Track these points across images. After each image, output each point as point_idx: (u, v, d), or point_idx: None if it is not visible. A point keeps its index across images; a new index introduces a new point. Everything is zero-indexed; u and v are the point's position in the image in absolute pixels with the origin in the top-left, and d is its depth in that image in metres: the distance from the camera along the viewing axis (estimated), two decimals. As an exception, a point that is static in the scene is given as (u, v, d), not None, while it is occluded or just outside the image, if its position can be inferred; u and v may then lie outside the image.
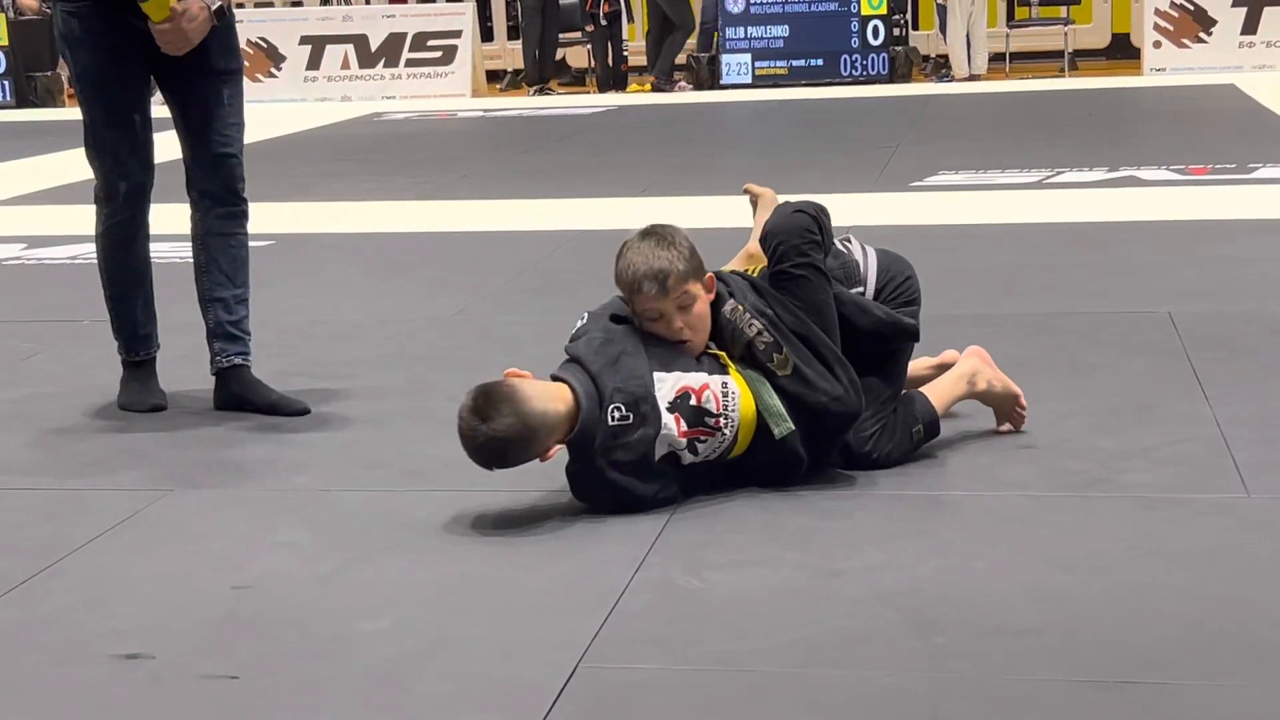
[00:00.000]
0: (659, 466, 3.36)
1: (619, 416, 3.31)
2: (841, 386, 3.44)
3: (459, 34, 16.03)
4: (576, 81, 16.93)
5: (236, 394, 4.32)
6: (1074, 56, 15.84)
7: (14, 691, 2.64)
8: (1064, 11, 15.77)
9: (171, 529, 3.44)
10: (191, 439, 4.11)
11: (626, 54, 16.44)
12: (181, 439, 4.11)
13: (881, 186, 8.24)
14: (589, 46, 16.27)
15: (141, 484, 3.75)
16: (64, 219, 7.71)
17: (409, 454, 3.84)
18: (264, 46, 16.24)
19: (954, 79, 15.13)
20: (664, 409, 3.34)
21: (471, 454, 3.31)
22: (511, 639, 2.76)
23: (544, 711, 2.48)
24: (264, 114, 12.86)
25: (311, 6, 18.22)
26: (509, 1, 18.16)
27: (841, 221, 6.06)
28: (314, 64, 16.29)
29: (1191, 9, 14.69)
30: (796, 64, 15.34)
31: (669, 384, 3.36)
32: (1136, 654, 2.60)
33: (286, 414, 4.24)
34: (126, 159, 4.21)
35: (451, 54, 16.03)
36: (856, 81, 15.10)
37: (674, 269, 3.40)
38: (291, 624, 2.86)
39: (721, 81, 15.45)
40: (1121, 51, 16.78)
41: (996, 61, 15.53)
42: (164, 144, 4.27)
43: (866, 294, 3.68)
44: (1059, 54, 15.71)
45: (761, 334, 3.45)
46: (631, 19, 17.11)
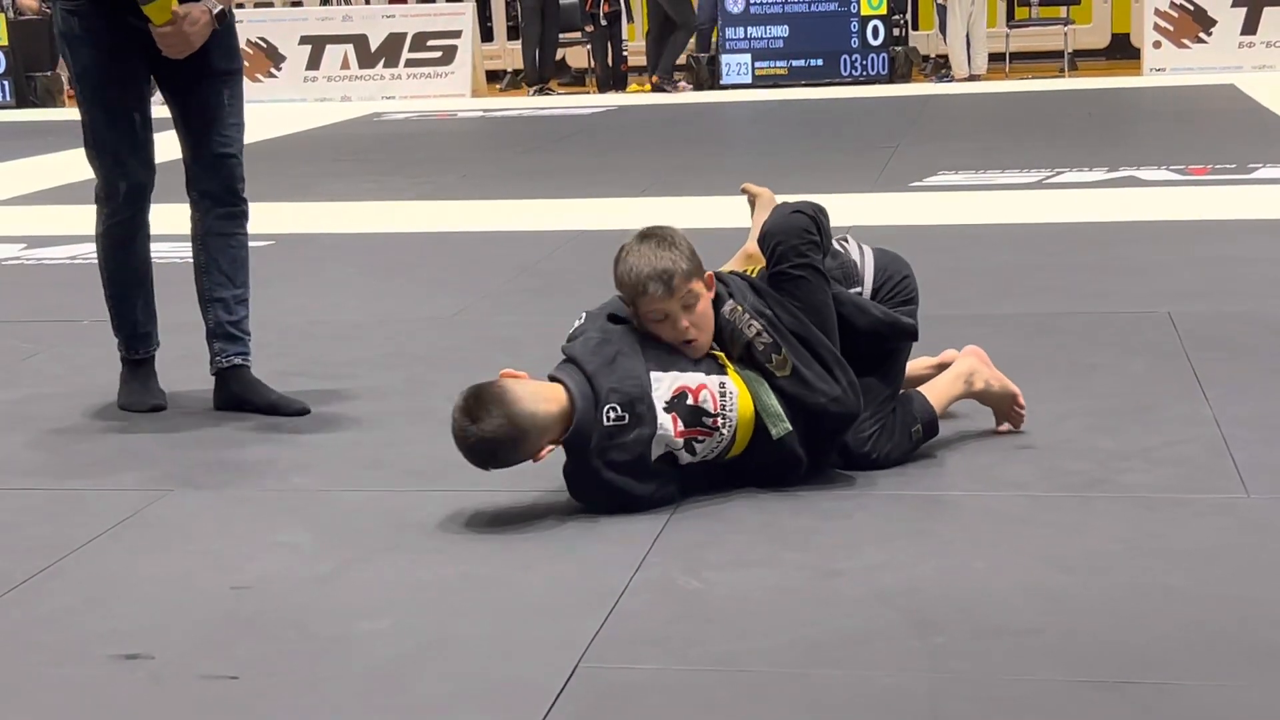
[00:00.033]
0: (656, 466, 3.36)
1: (615, 417, 3.31)
2: (840, 387, 3.44)
3: (459, 34, 16.03)
4: (576, 81, 16.93)
5: (236, 394, 4.32)
6: (1074, 56, 15.84)
7: (14, 691, 2.64)
8: (1064, 11, 15.77)
9: (171, 529, 3.44)
10: (191, 439, 4.11)
11: (626, 54, 16.44)
12: (181, 439, 4.11)
13: (881, 187, 8.24)
14: (589, 46, 16.27)
15: (141, 484, 3.75)
16: (64, 219, 7.71)
17: (409, 454, 3.84)
18: (264, 46, 16.24)
19: (954, 79, 15.14)
20: (660, 409, 3.34)
21: (463, 454, 3.32)
22: (511, 639, 2.76)
23: (544, 712, 2.48)
24: (264, 114, 12.86)
25: (311, 6, 18.22)
26: (509, 2, 18.16)
27: (841, 222, 6.06)
28: (314, 64, 16.29)
29: (1191, 9, 14.70)
30: (796, 64, 15.34)
31: (666, 384, 3.36)
32: (1136, 654, 2.60)
33: (286, 414, 4.24)
34: (127, 158, 4.21)
35: (451, 54, 16.04)
36: (856, 82, 15.10)
37: (678, 268, 3.41)
38: (291, 624, 2.87)
39: (721, 81, 15.45)
40: (1121, 51, 16.78)
41: (996, 61, 15.53)
42: (164, 144, 4.27)
43: (864, 293, 3.68)
44: (1059, 54, 15.72)
45: (761, 334, 3.45)
46: (631, 19, 17.11)
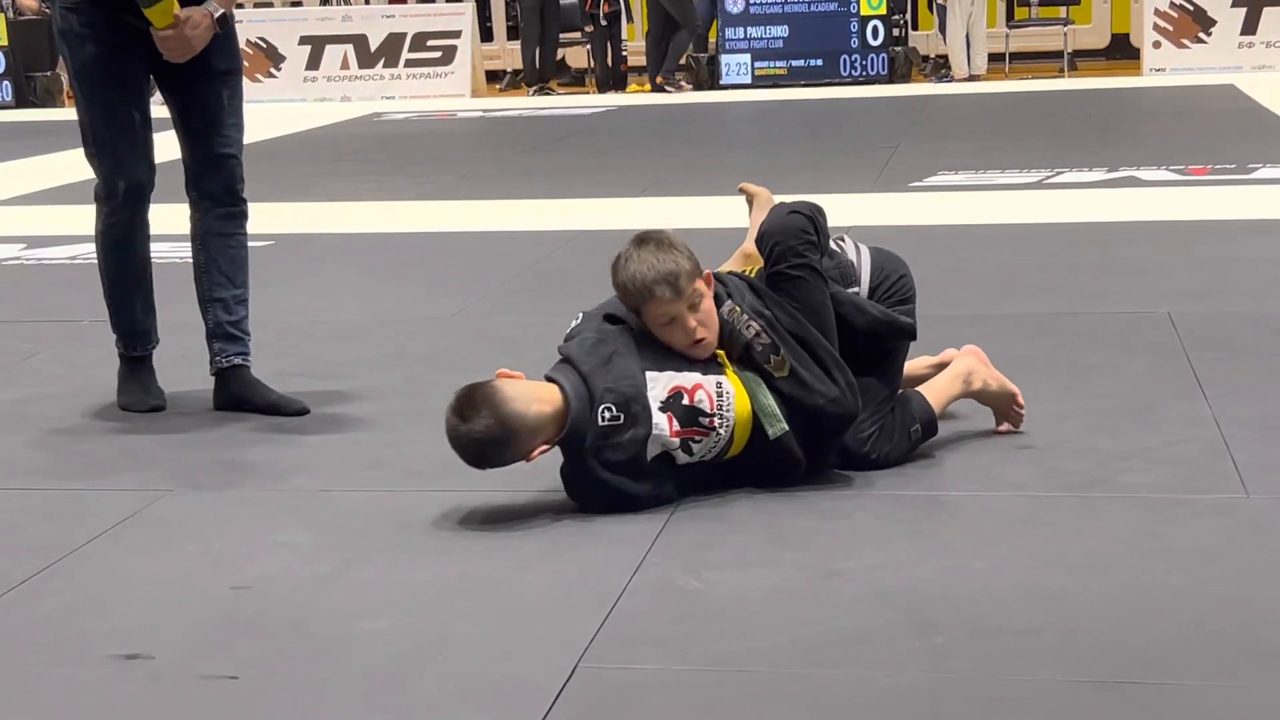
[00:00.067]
0: (652, 467, 3.36)
1: (610, 417, 3.31)
2: (838, 388, 3.44)
3: (458, 34, 16.03)
4: (576, 81, 16.93)
5: (236, 394, 4.32)
6: (1073, 57, 15.84)
7: (14, 692, 2.64)
8: (1063, 12, 15.78)
9: (171, 529, 3.44)
10: (191, 439, 4.11)
11: (626, 54, 16.44)
12: (181, 439, 4.11)
13: (881, 187, 8.24)
14: (589, 46, 16.27)
15: (141, 484, 3.75)
16: (64, 219, 7.71)
17: (409, 454, 3.84)
18: (263, 47, 16.24)
19: (953, 79, 15.14)
20: (656, 409, 3.34)
21: (455, 452, 3.33)
22: (511, 639, 2.76)
23: (543, 712, 2.48)
24: (264, 114, 12.86)
25: (311, 7, 18.21)
26: (509, 2, 18.16)
27: (841, 222, 6.07)
28: (313, 64, 16.29)
29: (1191, 9, 14.70)
30: (796, 64, 15.34)
31: (661, 384, 3.36)
32: (1136, 654, 2.60)
33: (286, 414, 4.24)
34: (126, 157, 4.20)
35: (451, 54, 16.04)
36: (856, 82, 15.10)
37: (681, 269, 3.40)
38: (291, 624, 2.87)
39: (721, 82, 15.45)
40: (1121, 52, 16.78)
41: (996, 62, 15.53)
42: (164, 144, 4.27)
43: (861, 293, 3.68)
44: (1058, 54, 15.72)
45: (759, 335, 3.45)
46: (631, 19, 17.11)
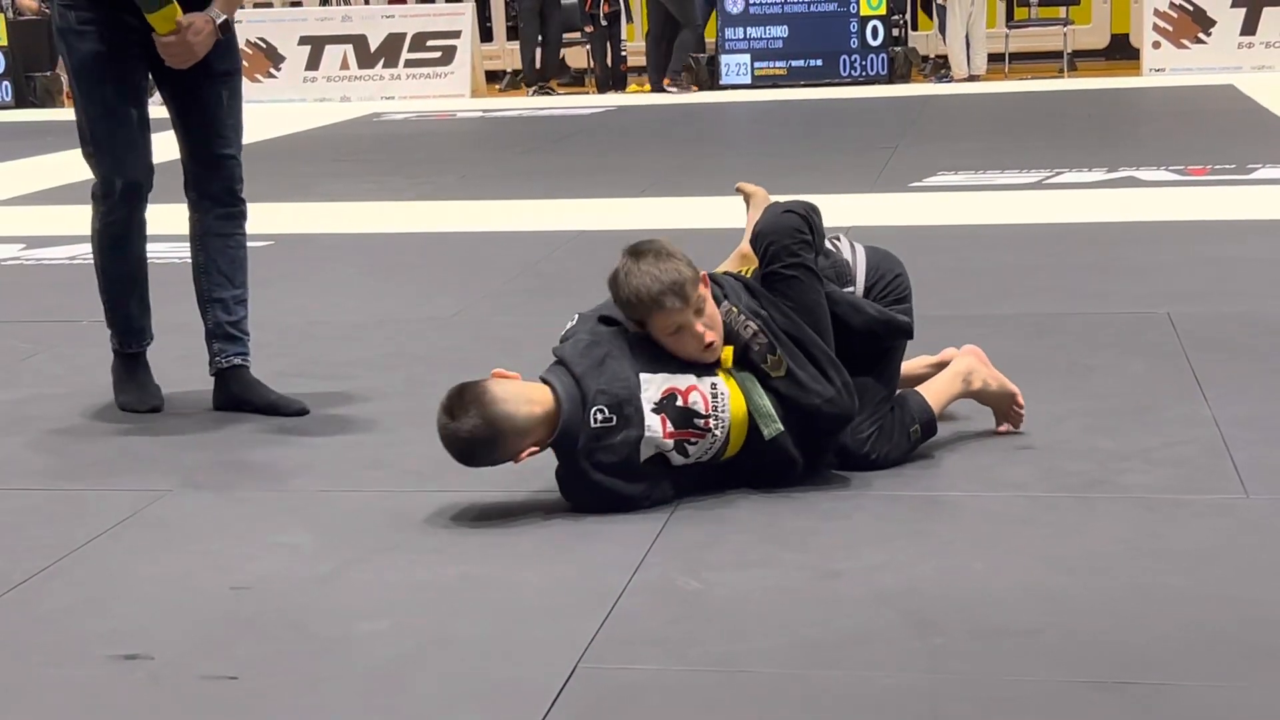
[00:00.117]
0: (646, 468, 3.37)
1: (602, 419, 3.32)
2: (834, 388, 3.44)
3: (458, 34, 16.03)
4: (576, 82, 16.93)
5: (236, 394, 4.32)
6: (1073, 57, 15.85)
7: (13, 692, 2.64)
8: (1063, 12, 15.78)
9: (171, 529, 3.44)
10: (191, 439, 4.11)
11: (625, 54, 16.44)
12: (181, 439, 4.11)
13: (881, 187, 8.24)
14: (588, 47, 16.27)
15: (141, 484, 3.75)
16: (63, 219, 7.71)
17: (409, 454, 3.84)
18: (263, 47, 16.24)
19: (953, 79, 15.14)
20: (649, 410, 3.34)
21: (444, 449, 3.34)
22: (511, 639, 2.76)
23: (543, 712, 2.48)
24: (263, 114, 12.85)
25: (310, 7, 18.22)
26: (508, 2, 18.16)
27: (841, 222, 6.08)
28: (313, 64, 16.29)
29: (1191, 9, 14.70)
30: (796, 64, 15.35)
31: (655, 385, 3.37)
32: (1136, 654, 2.60)
33: (286, 414, 4.24)
34: (123, 156, 4.19)
35: (451, 54, 16.04)
36: (856, 82, 15.11)
37: (685, 277, 3.39)
38: (291, 624, 2.87)
39: (721, 82, 15.45)
40: (1121, 52, 16.78)
41: (996, 62, 15.53)
42: (163, 144, 4.27)
43: (857, 292, 3.67)
44: (1058, 54, 15.73)
45: (757, 336, 3.45)
46: (631, 19, 17.11)
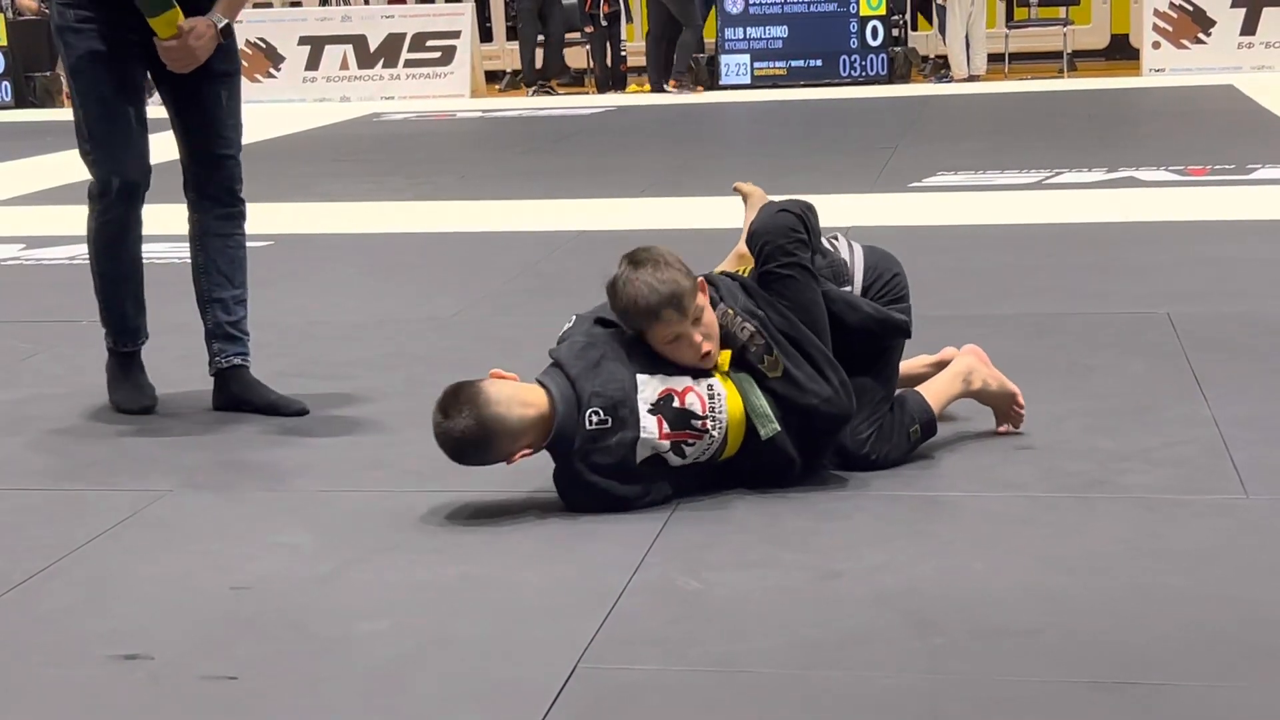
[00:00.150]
0: (642, 469, 3.37)
1: (597, 421, 3.32)
2: (831, 387, 3.44)
3: (458, 34, 16.03)
4: (576, 82, 16.93)
5: (236, 394, 4.32)
6: (1073, 57, 15.85)
7: (13, 692, 2.64)
8: (1063, 12, 15.79)
9: (171, 529, 3.44)
10: (191, 439, 4.11)
11: (625, 54, 16.44)
12: (181, 439, 4.11)
13: (880, 187, 8.24)
14: (588, 47, 16.27)
15: (141, 484, 3.75)
16: (63, 219, 7.71)
17: (409, 454, 3.84)
18: (263, 47, 16.24)
19: (953, 80, 15.14)
20: (645, 411, 3.34)
21: (438, 446, 3.36)
22: (510, 639, 2.76)
23: (543, 712, 2.48)
24: (263, 114, 12.85)
25: (310, 7, 18.22)
26: (508, 2, 18.16)
27: (840, 222, 6.08)
28: (313, 64, 16.29)
29: (1190, 9, 14.70)
30: (795, 64, 15.35)
31: (652, 387, 3.37)
32: (1136, 654, 2.60)
33: (286, 414, 4.24)
34: (121, 154, 4.17)
35: (450, 54, 16.04)
36: (855, 82, 15.11)
37: (683, 288, 3.37)
38: (291, 624, 2.87)
39: (720, 82, 15.45)
40: (1120, 52, 16.79)
41: (995, 62, 15.53)
42: (162, 144, 4.27)
43: (854, 291, 3.67)
44: (1058, 55, 15.73)
45: (754, 337, 3.45)
46: (631, 19, 17.11)
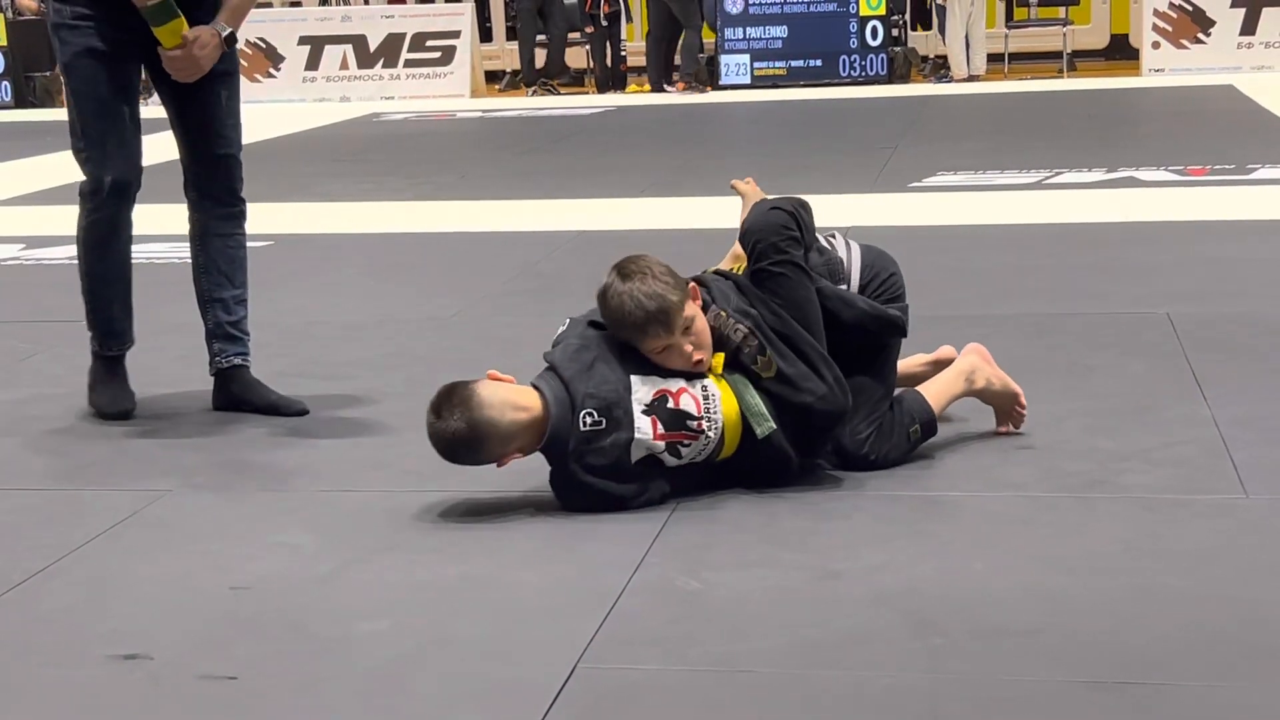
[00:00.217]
0: (637, 469, 3.37)
1: (591, 422, 3.32)
2: (825, 385, 3.44)
3: (458, 34, 16.04)
4: (576, 82, 16.93)
5: (236, 394, 4.32)
6: (1073, 57, 15.86)
7: (12, 692, 2.64)
8: (1063, 12, 15.79)
9: (171, 529, 3.44)
10: (191, 439, 4.11)
11: (625, 54, 16.44)
12: (181, 440, 4.11)
13: (880, 187, 8.24)
14: (588, 47, 16.27)
15: (141, 484, 3.75)
16: (62, 219, 7.62)
17: (408, 454, 3.84)
18: (262, 47, 16.24)
19: (953, 80, 15.14)
20: (639, 412, 3.34)
21: (431, 445, 3.37)
22: (510, 639, 2.76)
23: (542, 712, 2.48)
24: (263, 114, 12.86)
25: (310, 7, 18.22)
26: (508, 2, 18.16)
27: (840, 222, 6.08)
28: (313, 64, 16.29)
29: (1190, 10, 14.70)
30: (795, 64, 15.35)
31: (646, 388, 3.37)
32: (1136, 654, 2.60)
33: (286, 415, 4.24)
34: (113, 151, 4.16)
35: (450, 54, 16.04)
36: (855, 82, 15.11)
37: (670, 303, 3.36)
38: (290, 625, 2.87)
39: (720, 82, 15.45)
40: (1120, 52, 16.79)
41: (995, 62, 15.54)
42: (162, 144, 4.27)
43: (850, 290, 3.67)
44: (1058, 55, 15.73)
45: (747, 338, 3.44)
46: (631, 19, 17.11)
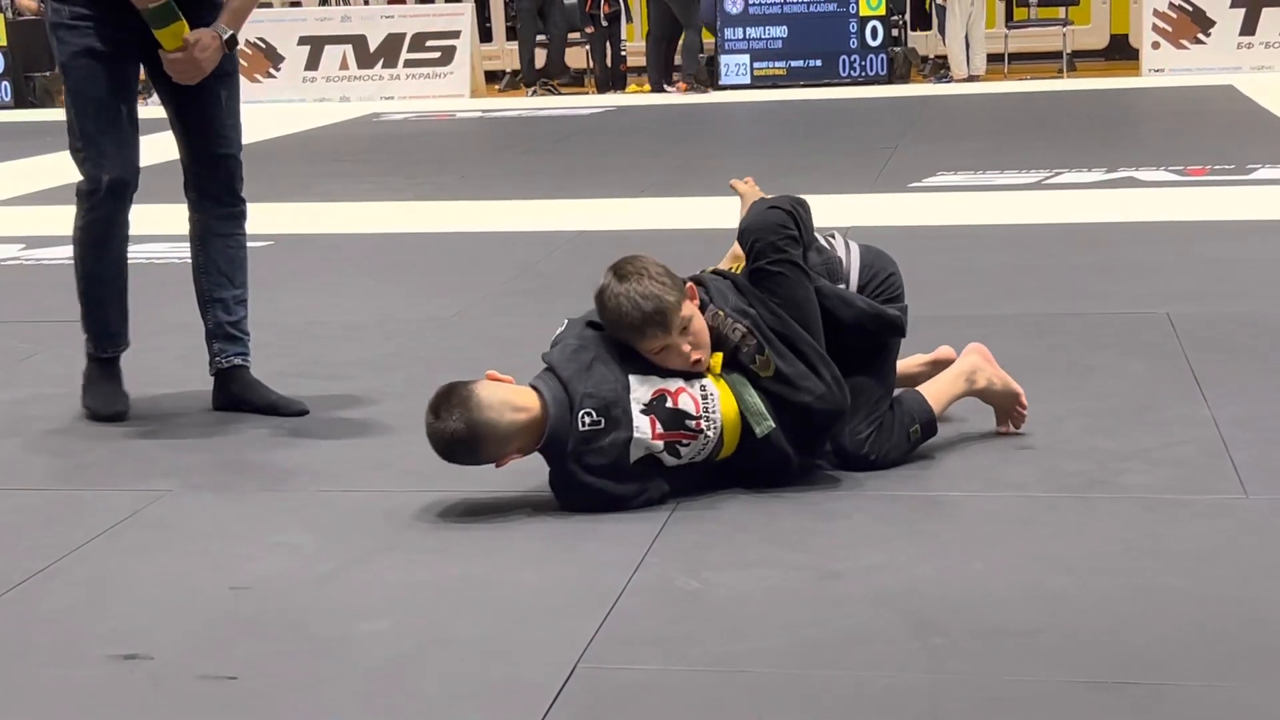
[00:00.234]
0: (637, 469, 3.37)
1: (590, 422, 3.32)
2: (824, 384, 3.44)
3: (458, 34, 16.04)
4: (576, 82, 16.93)
5: (236, 394, 4.32)
6: (1072, 57, 15.85)
7: (12, 692, 2.64)
8: (1062, 12, 15.79)
9: (171, 529, 3.44)
10: (191, 440, 4.11)
11: (625, 54, 16.44)
12: (181, 440, 4.11)
13: (880, 187, 8.24)
14: (588, 47, 16.27)
15: (141, 484, 3.75)
16: (62, 219, 7.58)
17: (409, 454, 3.84)
18: (262, 47, 16.24)
19: (953, 80, 15.14)
20: (638, 412, 3.34)
21: (429, 444, 3.37)
22: (510, 639, 2.76)
23: (542, 712, 2.48)
24: (263, 115, 12.86)
25: (310, 7, 18.22)
26: (508, 2, 18.16)
27: (840, 222, 6.08)
28: (313, 64, 16.29)
29: (1190, 10, 14.70)
30: (795, 65, 15.35)
31: (645, 387, 3.38)
32: (1136, 654, 2.60)
33: (286, 415, 4.24)
34: (111, 151, 4.15)
35: (450, 54, 16.04)
36: (855, 82, 15.11)
37: (668, 303, 3.36)
38: (291, 625, 2.87)
39: (720, 82, 15.45)
40: (1120, 52, 16.79)
41: (995, 62, 15.53)
42: (162, 144, 4.27)
43: (849, 289, 3.67)
44: (1057, 55, 15.73)
45: (746, 337, 3.44)
46: (631, 19, 17.11)
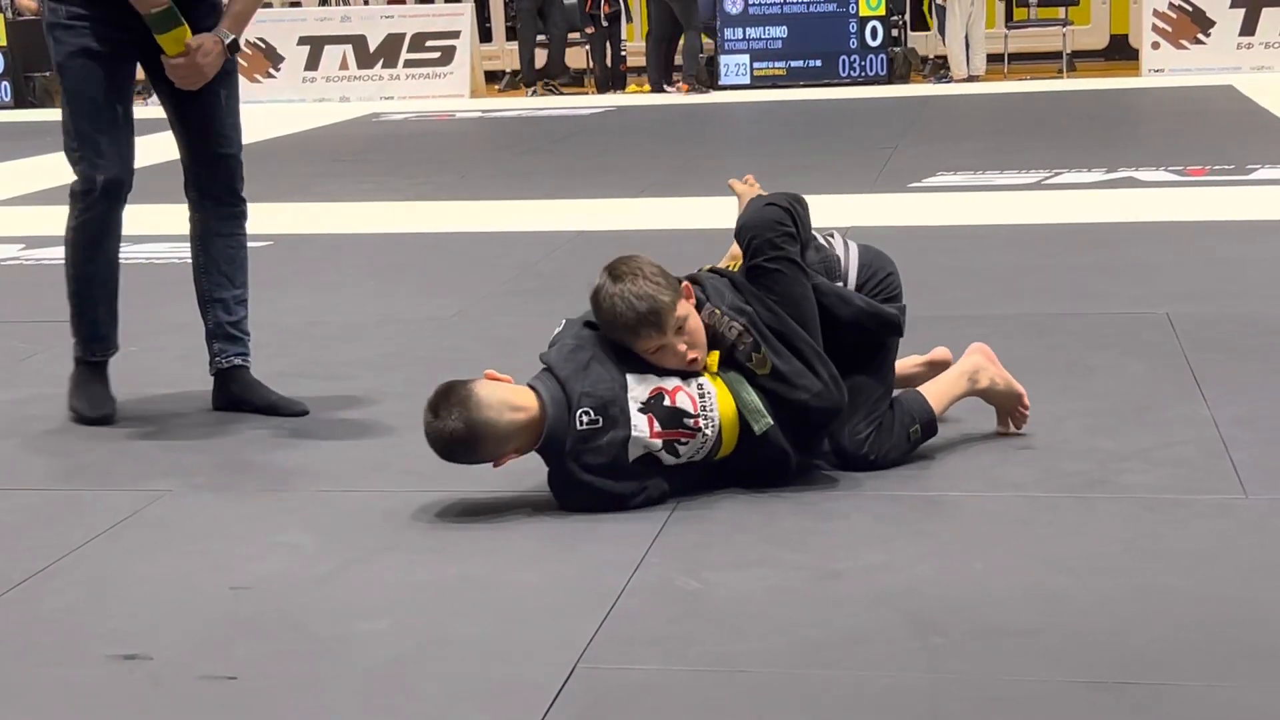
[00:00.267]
0: (635, 468, 3.37)
1: (588, 421, 3.32)
2: (821, 382, 3.43)
3: (457, 34, 16.04)
4: (575, 82, 16.93)
5: (236, 395, 4.32)
6: (1072, 57, 15.86)
7: (12, 692, 2.64)
8: (1062, 12, 15.80)
9: (171, 529, 3.44)
10: (191, 440, 4.11)
11: (625, 54, 16.44)
12: (181, 440, 4.11)
13: (880, 187, 8.24)
14: (588, 47, 16.27)
15: (140, 484, 3.75)
16: (62, 219, 7.65)
17: (409, 454, 3.84)
18: (262, 47, 16.23)
19: (952, 80, 15.14)
20: (636, 410, 3.35)
21: (428, 443, 3.37)
22: (510, 639, 2.76)
23: (542, 712, 2.48)
24: (262, 115, 12.86)
25: (310, 7, 18.22)
26: (508, 2, 18.16)
27: (840, 222, 6.08)
28: (312, 64, 16.29)
29: (1190, 10, 14.70)
30: (795, 65, 15.35)
31: (642, 386, 3.38)
32: (1136, 654, 2.60)
33: (286, 415, 4.24)
34: (106, 150, 4.15)
35: (450, 54, 16.04)
36: (855, 82, 15.11)
37: (662, 304, 3.37)
38: (290, 625, 2.87)
39: (720, 82, 15.45)
40: (1120, 52, 16.79)
41: (995, 62, 15.54)
42: (162, 144, 4.26)
43: (847, 288, 3.67)
44: (1057, 55, 15.73)
45: (742, 335, 3.44)
46: (631, 19, 17.11)
